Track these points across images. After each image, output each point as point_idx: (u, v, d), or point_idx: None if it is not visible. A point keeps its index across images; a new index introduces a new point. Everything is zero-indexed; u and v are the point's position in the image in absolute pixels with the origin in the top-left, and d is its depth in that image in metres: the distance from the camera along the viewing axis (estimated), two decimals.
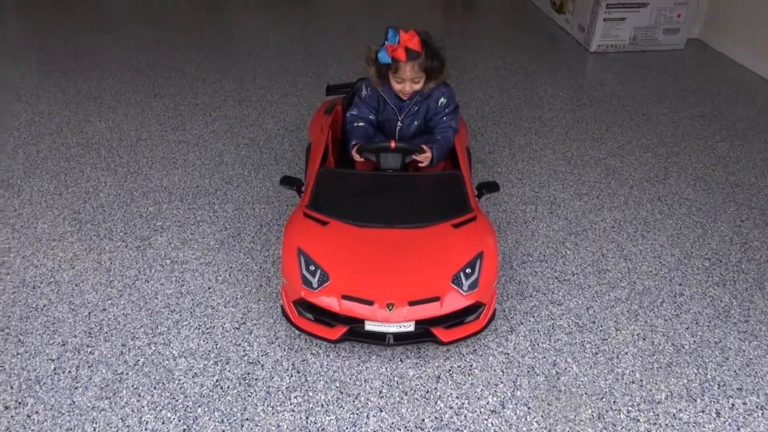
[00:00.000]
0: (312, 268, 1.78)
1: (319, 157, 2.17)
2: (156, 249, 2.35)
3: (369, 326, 1.74)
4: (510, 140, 3.19)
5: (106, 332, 1.97)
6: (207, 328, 1.99)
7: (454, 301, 1.76)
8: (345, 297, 1.74)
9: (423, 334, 1.78)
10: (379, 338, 1.77)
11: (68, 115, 3.36)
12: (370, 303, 1.72)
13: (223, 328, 2.00)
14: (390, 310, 1.71)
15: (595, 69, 4.18)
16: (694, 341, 1.97)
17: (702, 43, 4.56)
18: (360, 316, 1.73)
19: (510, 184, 2.81)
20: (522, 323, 2.02)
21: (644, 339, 1.98)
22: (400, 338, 1.78)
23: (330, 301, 1.75)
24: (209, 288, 2.16)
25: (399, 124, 2.24)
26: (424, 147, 2.10)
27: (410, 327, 1.74)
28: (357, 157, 2.13)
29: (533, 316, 2.06)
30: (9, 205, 2.60)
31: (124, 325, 2.00)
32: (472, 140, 3.12)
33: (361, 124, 2.21)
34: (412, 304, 1.72)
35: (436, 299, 1.74)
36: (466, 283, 1.77)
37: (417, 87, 2.10)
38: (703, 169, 2.95)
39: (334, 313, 1.76)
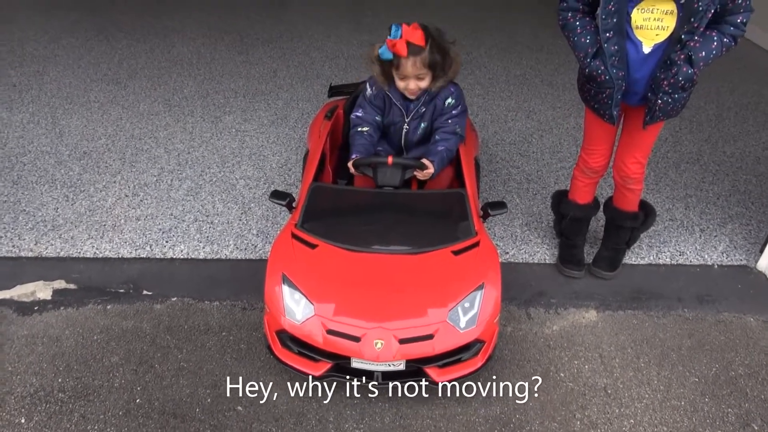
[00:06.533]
0: (296, 297, 1.63)
1: (314, 167, 1.99)
2: (225, 123, 3.19)
3: (356, 363, 1.60)
4: (507, 71, 3.91)
5: (190, 164, 2.82)
6: (259, 166, 2.82)
7: (450, 339, 1.60)
8: (330, 332, 1.58)
9: (415, 373, 1.63)
10: (366, 375, 1.63)
11: (158, 42, 4.26)
12: (356, 340, 1.56)
13: (270, 166, 2.82)
14: (378, 348, 1.56)
15: None
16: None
17: None
18: (346, 353, 1.58)
19: (500, 98, 3.53)
20: (485, 176, 2.76)
21: None
22: (390, 376, 1.64)
23: (314, 335, 1.59)
24: (262, 145, 2.99)
25: (405, 127, 2.05)
26: (425, 162, 1.91)
27: (401, 366, 1.60)
28: (355, 172, 1.97)
29: (495, 173, 2.80)
30: (118, 94, 3.49)
31: (202, 161, 2.85)
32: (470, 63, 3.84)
33: (366, 129, 2.03)
34: (403, 342, 1.57)
35: (430, 337, 1.58)
36: (463, 319, 1.61)
37: (423, 85, 1.92)
38: None
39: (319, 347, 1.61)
